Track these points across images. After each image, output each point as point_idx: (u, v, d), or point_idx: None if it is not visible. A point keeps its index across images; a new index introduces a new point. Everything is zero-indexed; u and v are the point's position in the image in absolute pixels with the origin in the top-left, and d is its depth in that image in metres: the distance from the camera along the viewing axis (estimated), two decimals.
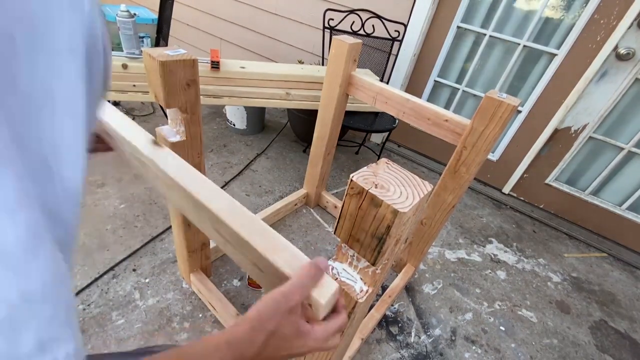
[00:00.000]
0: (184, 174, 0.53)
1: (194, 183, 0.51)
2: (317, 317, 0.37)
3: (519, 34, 1.73)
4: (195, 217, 0.53)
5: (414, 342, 1.22)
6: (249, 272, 0.47)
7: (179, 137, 0.82)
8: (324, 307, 0.36)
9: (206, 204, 0.48)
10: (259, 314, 0.34)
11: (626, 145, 1.67)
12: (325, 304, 0.36)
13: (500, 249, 1.73)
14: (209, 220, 0.49)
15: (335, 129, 1.43)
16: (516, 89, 1.87)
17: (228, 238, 0.47)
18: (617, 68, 1.57)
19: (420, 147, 2.34)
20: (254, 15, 2.48)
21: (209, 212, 0.47)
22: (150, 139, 0.59)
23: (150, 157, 0.56)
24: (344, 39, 1.15)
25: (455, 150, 1.03)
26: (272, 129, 2.36)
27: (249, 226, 0.45)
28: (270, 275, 0.42)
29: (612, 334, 1.40)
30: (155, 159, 0.55)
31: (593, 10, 1.52)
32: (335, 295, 0.37)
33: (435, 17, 1.89)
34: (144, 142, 0.59)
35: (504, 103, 0.89)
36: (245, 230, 0.44)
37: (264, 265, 0.42)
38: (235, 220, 0.46)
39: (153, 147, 0.58)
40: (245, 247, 0.44)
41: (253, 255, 0.44)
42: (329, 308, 0.37)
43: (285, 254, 0.41)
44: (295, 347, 0.35)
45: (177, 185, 0.52)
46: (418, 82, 2.11)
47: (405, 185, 0.41)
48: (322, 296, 0.36)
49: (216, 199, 0.49)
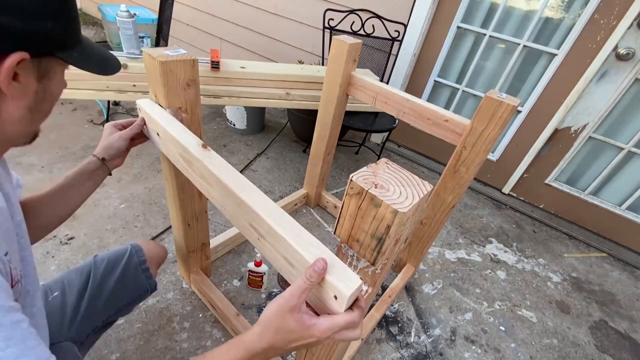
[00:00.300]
0: (227, 173, 0.58)
1: (235, 182, 0.57)
2: (339, 308, 0.42)
3: (519, 34, 1.73)
4: (233, 213, 0.58)
5: (413, 342, 1.22)
6: (279, 266, 0.51)
7: None
8: (348, 298, 0.41)
9: (246, 201, 0.52)
10: (265, 316, 0.43)
11: (626, 145, 1.67)
12: (350, 296, 0.40)
13: (500, 249, 1.73)
14: (247, 215, 0.53)
15: (335, 129, 1.43)
16: (516, 89, 1.87)
17: (263, 233, 0.51)
18: (617, 68, 1.57)
19: (420, 147, 2.34)
20: (254, 15, 2.48)
21: (249, 208, 0.52)
22: (199, 142, 0.66)
23: (198, 157, 0.62)
24: (343, 39, 1.16)
25: (455, 150, 1.03)
26: (272, 129, 2.36)
27: (282, 223, 0.49)
28: (301, 269, 0.46)
29: (612, 334, 1.40)
30: (202, 159, 0.61)
31: (593, 10, 1.52)
32: (359, 289, 0.42)
33: (435, 17, 1.89)
34: (194, 143, 0.65)
35: (504, 103, 0.89)
36: (280, 227, 0.48)
37: (296, 259, 0.46)
38: (271, 217, 0.50)
39: (201, 149, 0.64)
40: (281, 242, 0.48)
41: (287, 250, 0.48)
42: (352, 300, 0.42)
43: (315, 250, 0.46)
44: (303, 337, 0.42)
45: (221, 183, 0.57)
46: (418, 82, 2.11)
47: (405, 185, 0.41)
48: (346, 289, 0.40)
49: (255, 197, 0.54)
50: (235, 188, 0.55)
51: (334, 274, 0.42)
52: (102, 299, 0.78)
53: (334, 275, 0.42)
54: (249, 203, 0.52)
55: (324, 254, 0.45)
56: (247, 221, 0.54)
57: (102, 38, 2.59)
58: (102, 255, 0.84)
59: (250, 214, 0.52)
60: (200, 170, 0.63)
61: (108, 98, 1.41)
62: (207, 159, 0.61)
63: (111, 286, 0.80)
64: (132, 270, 0.84)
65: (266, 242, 0.52)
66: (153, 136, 0.77)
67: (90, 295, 0.76)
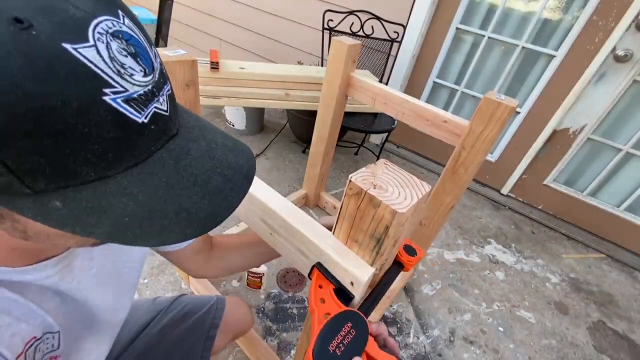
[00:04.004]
0: None
1: None
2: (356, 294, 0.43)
3: (518, 35, 1.74)
4: (244, 210, 0.58)
5: (412, 343, 1.22)
6: (292, 259, 0.52)
7: None
8: (364, 284, 0.42)
9: (259, 197, 0.53)
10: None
11: (624, 147, 1.68)
12: (366, 282, 0.42)
13: (499, 250, 1.73)
14: (260, 211, 0.54)
15: (335, 129, 1.43)
16: (515, 90, 1.87)
17: (277, 228, 0.52)
18: (615, 70, 1.57)
19: (419, 148, 2.35)
20: (253, 16, 2.48)
21: (261, 203, 0.52)
22: None
23: None
24: (343, 40, 1.16)
25: (453, 151, 1.04)
26: (271, 129, 2.36)
27: (296, 216, 0.50)
28: (314, 259, 0.47)
29: (610, 334, 1.40)
30: None
31: (591, 12, 1.53)
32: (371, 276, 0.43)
33: (434, 18, 1.89)
34: None
35: (502, 104, 0.89)
36: (295, 220, 0.49)
37: (313, 249, 0.47)
38: (285, 211, 0.51)
39: None
40: (296, 235, 0.49)
41: (302, 242, 0.48)
42: (367, 287, 0.44)
43: (329, 240, 0.47)
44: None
45: None
46: (417, 83, 2.12)
47: (403, 186, 0.41)
48: (362, 275, 0.42)
49: (265, 192, 0.54)
50: None
51: (349, 262, 0.43)
52: (158, 350, 0.66)
53: (349, 263, 0.43)
54: (262, 199, 0.53)
55: (337, 244, 0.46)
56: (258, 217, 0.55)
57: None
58: (187, 298, 0.73)
59: (263, 209, 0.53)
60: None
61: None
62: None
63: (170, 341, 0.67)
64: (197, 332, 0.69)
65: (279, 237, 0.53)
66: None
67: (145, 339, 0.66)
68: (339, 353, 0.35)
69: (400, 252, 0.49)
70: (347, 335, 0.36)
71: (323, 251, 0.45)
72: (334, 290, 0.44)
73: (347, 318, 0.38)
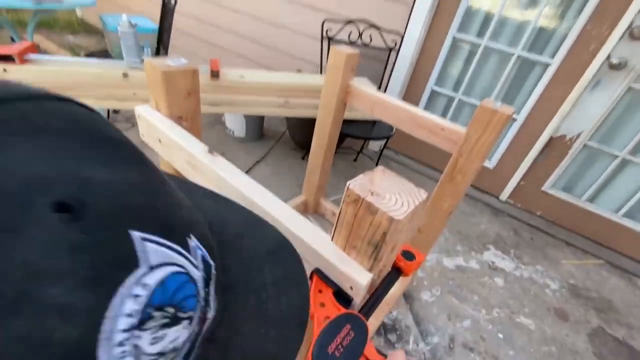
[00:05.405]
0: (238, 178, 0.60)
1: (247, 185, 0.58)
2: (355, 298, 0.44)
3: (514, 43, 1.76)
4: None
5: (412, 350, 1.22)
6: None
7: None
8: (364, 289, 0.43)
9: (260, 203, 0.54)
10: None
11: (621, 153, 1.69)
12: (365, 286, 0.43)
13: (498, 256, 1.73)
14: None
15: (334, 137, 1.45)
16: (512, 98, 1.89)
17: None
18: (610, 77, 1.59)
19: (417, 155, 2.36)
20: (253, 25, 2.51)
21: (261, 209, 0.54)
22: (206, 149, 0.67)
23: (207, 164, 0.63)
24: (341, 49, 1.18)
25: (451, 158, 1.05)
26: (270, 136, 2.38)
27: (296, 222, 0.51)
28: (314, 264, 0.48)
29: (610, 341, 1.40)
30: (212, 165, 0.63)
31: (586, 21, 1.55)
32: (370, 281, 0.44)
33: (431, 27, 1.92)
34: (202, 151, 0.66)
35: (498, 112, 0.90)
36: (295, 226, 0.50)
37: (312, 256, 0.48)
38: (285, 217, 0.52)
39: (209, 155, 0.65)
40: (296, 240, 0.49)
41: (302, 247, 0.49)
42: (366, 292, 0.44)
43: (329, 247, 0.48)
44: None
45: (233, 188, 0.59)
46: (415, 91, 2.14)
47: (400, 193, 0.42)
48: (362, 279, 0.43)
49: (268, 200, 0.55)
50: (247, 192, 0.57)
51: (347, 268, 0.45)
52: None
53: (349, 268, 0.44)
54: (263, 205, 0.54)
55: (337, 251, 0.47)
56: None
57: (104, 47, 2.61)
58: None
59: (263, 215, 0.54)
60: (210, 176, 0.64)
61: (108, 107, 1.42)
62: (216, 165, 0.63)
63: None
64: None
65: None
66: (153, 144, 0.78)
67: None
68: (337, 355, 0.35)
69: (399, 257, 0.49)
70: (346, 337, 0.37)
71: (322, 257, 0.46)
72: (333, 294, 0.45)
73: (346, 320, 0.39)
